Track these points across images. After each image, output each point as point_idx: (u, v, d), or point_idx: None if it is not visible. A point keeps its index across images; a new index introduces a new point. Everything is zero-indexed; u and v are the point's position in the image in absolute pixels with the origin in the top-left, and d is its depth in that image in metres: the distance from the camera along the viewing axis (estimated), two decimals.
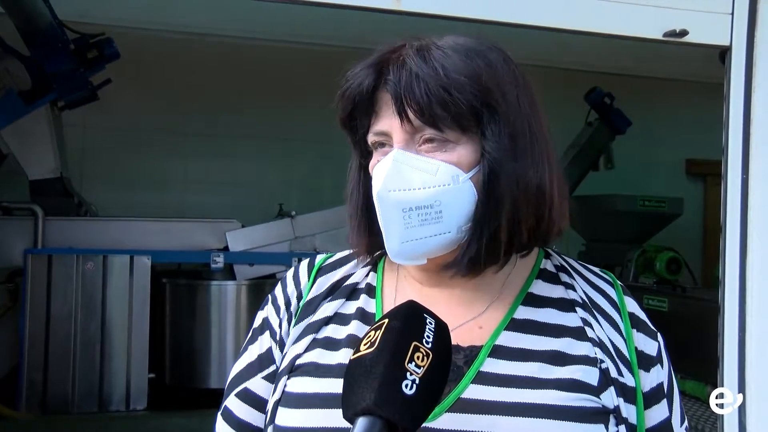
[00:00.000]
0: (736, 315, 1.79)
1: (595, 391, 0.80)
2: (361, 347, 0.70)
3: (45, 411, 3.11)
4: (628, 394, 0.82)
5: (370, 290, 0.93)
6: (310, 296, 0.93)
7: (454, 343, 0.75)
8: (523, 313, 0.87)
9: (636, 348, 0.87)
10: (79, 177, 3.99)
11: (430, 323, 0.71)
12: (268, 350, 0.93)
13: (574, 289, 0.90)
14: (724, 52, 1.84)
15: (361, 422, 0.65)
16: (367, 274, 0.94)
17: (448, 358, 0.72)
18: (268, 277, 3.58)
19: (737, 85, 1.82)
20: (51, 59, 3.13)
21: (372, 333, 0.70)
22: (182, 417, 3.12)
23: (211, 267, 3.44)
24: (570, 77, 4.56)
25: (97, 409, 3.17)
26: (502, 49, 0.86)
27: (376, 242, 0.87)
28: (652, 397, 0.86)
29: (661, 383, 0.88)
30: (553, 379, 0.80)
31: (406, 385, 0.65)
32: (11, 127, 3.23)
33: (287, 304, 0.95)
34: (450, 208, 0.80)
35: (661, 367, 0.89)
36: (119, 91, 3.72)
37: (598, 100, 4.57)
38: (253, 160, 4.64)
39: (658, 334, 0.92)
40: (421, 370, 0.67)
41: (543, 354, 0.82)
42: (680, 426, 0.90)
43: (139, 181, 4.35)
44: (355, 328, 0.88)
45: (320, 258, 0.99)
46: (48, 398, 3.12)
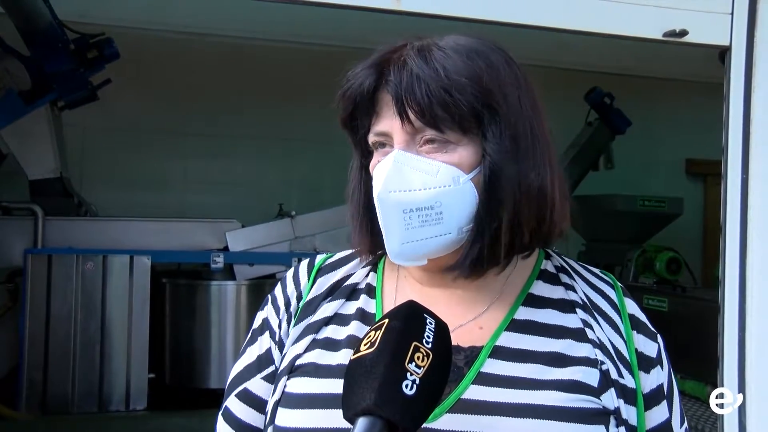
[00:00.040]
0: (736, 315, 1.79)
1: (596, 393, 0.80)
2: (361, 347, 0.70)
3: (45, 411, 3.10)
4: (628, 395, 0.82)
5: (370, 290, 0.92)
6: (310, 296, 0.93)
7: (455, 343, 0.75)
8: (524, 314, 0.86)
9: (636, 349, 0.87)
10: (79, 177, 3.99)
11: (431, 323, 0.71)
12: (268, 351, 0.93)
13: (574, 290, 0.89)
14: (724, 52, 1.84)
15: (361, 422, 0.64)
16: (367, 275, 0.94)
17: (449, 359, 0.71)
18: (268, 277, 3.58)
19: (737, 85, 1.82)
20: (51, 59, 3.12)
21: (372, 333, 0.70)
22: (182, 417, 3.12)
23: (211, 267, 3.44)
24: (570, 77, 4.56)
25: (97, 409, 3.16)
26: (504, 49, 0.86)
27: (379, 242, 0.87)
28: (652, 399, 0.86)
29: (661, 384, 0.88)
30: (553, 380, 0.80)
31: (406, 386, 0.65)
32: (11, 127, 3.23)
33: (287, 305, 0.94)
34: (451, 210, 0.80)
35: (661, 368, 0.89)
36: (119, 91, 3.72)
37: (598, 100, 4.57)
38: (253, 160, 4.64)
39: (658, 335, 0.91)
40: (421, 371, 0.67)
41: (543, 355, 0.82)
42: (680, 427, 0.90)
43: (139, 181, 4.35)
44: (355, 328, 0.87)
45: (320, 258, 0.99)
46: (48, 398, 3.12)
